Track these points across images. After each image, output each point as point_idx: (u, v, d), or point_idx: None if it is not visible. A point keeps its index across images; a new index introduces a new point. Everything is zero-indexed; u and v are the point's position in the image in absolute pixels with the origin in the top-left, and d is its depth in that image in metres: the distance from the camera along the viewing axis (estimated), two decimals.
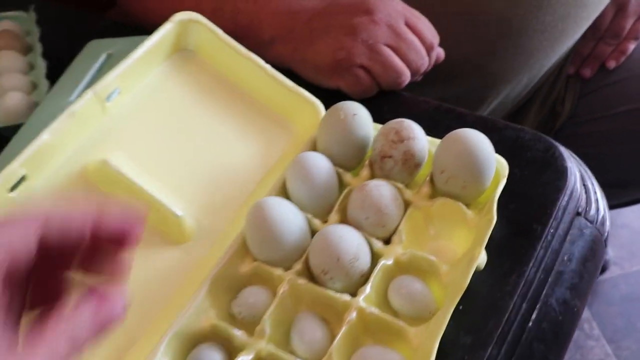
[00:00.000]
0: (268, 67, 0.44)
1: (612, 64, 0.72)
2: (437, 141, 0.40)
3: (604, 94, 0.73)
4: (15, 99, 0.56)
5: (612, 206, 0.90)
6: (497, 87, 0.66)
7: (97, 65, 0.54)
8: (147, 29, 0.59)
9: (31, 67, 0.61)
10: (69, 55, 0.57)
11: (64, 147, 0.39)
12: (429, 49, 0.50)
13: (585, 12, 0.61)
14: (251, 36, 0.52)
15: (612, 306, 1.10)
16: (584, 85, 0.74)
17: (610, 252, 1.15)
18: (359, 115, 0.40)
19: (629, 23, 0.71)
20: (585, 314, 1.09)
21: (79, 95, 0.51)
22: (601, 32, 0.72)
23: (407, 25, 0.50)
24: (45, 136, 0.37)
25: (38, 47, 0.61)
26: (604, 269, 1.13)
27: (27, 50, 0.63)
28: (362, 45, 0.48)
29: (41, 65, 0.59)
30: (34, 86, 0.59)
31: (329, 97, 0.45)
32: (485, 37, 0.59)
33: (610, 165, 0.74)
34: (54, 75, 0.56)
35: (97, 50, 0.55)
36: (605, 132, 0.73)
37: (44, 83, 0.57)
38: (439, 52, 0.52)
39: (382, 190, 0.37)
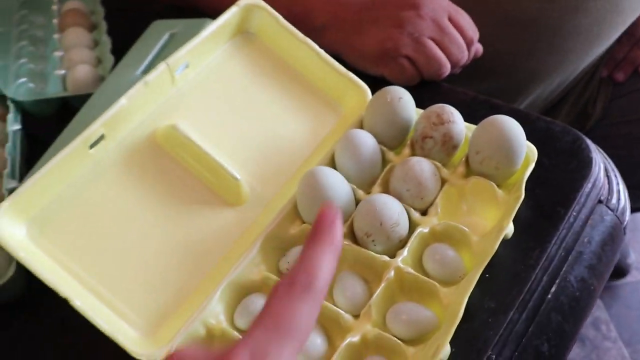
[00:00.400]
0: (322, 52, 0.48)
1: None
2: (474, 127, 0.44)
3: (635, 97, 0.75)
4: (83, 71, 0.60)
5: (636, 209, 0.92)
6: (529, 86, 0.69)
7: (161, 43, 0.58)
8: (204, 12, 0.64)
9: (96, 43, 0.66)
10: (131, 33, 0.62)
11: (138, 112, 0.43)
12: (469, 44, 0.54)
13: (620, 18, 0.64)
14: (303, 22, 0.56)
15: (632, 310, 1.11)
16: (616, 88, 0.76)
17: (632, 257, 1.16)
18: (404, 99, 0.44)
19: None
20: (604, 315, 1.11)
21: (146, 70, 0.56)
22: (636, 37, 0.74)
23: (450, 20, 0.53)
24: (122, 101, 0.42)
25: (103, 25, 0.66)
26: (624, 273, 1.15)
27: (92, 27, 0.68)
28: (407, 37, 0.52)
29: (106, 41, 0.63)
30: (99, 61, 0.63)
31: (374, 84, 0.49)
32: (521, 37, 0.62)
33: (638, 167, 0.76)
34: (117, 51, 0.61)
35: (161, 29, 0.60)
36: (635, 135, 0.75)
37: (108, 58, 0.61)
38: (478, 47, 0.56)
39: (423, 166, 0.41)
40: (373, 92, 0.47)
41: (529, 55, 0.64)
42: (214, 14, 0.49)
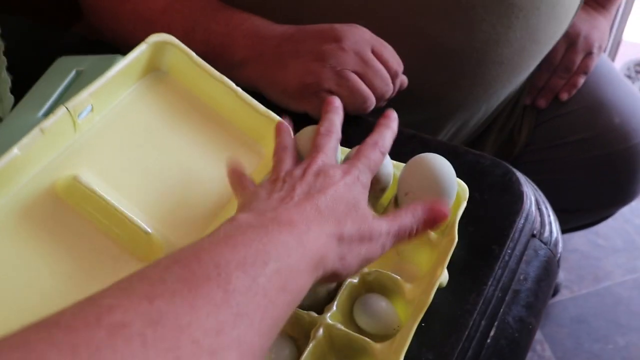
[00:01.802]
0: (239, 90, 0.45)
1: (564, 96, 0.76)
2: (401, 165, 0.42)
3: (557, 123, 0.77)
4: None
5: (563, 231, 0.93)
6: (456, 115, 0.69)
7: (66, 81, 0.54)
8: (115, 46, 0.59)
9: None
10: (34, 70, 0.57)
11: (34, 162, 0.39)
12: (393, 76, 0.52)
13: (538, 47, 0.65)
14: (223, 57, 0.53)
15: (563, 328, 1.13)
16: (539, 115, 0.78)
17: (561, 276, 1.19)
18: None
19: (579, 58, 0.76)
20: (538, 335, 1.12)
21: (48, 112, 0.51)
22: (554, 65, 0.76)
23: (373, 53, 0.51)
24: (15, 151, 0.37)
25: (3, 60, 0.60)
26: (555, 292, 1.17)
27: None
28: (330, 71, 0.50)
29: (6, 78, 0.58)
30: None
31: (298, 121, 0.46)
32: (445, 67, 0.62)
33: (563, 191, 0.77)
34: (18, 90, 0.56)
35: (66, 66, 0.55)
36: (559, 160, 0.77)
37: (8, 97, 0.56)
38: (403, 79, 0.55)
39: None
40: (295, 130, 0.44)
41: (454, 85, 0.64)
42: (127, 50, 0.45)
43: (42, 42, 0.66)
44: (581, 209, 0.81)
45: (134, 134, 0.43)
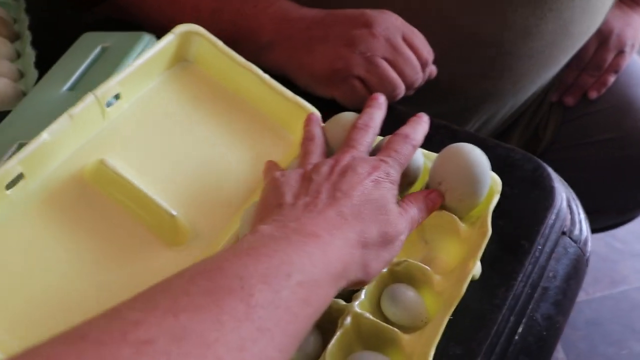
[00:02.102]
0: (267, 76, 0.44)
1: (593, 94, 0.75)
2: (432, 154, 0.41)
3: (584, 122, 0.76)
4: (1, 86, 0.54)
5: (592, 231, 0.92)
6: (482, 108, 0.68)
7: (91, 57, 0.53)
8: (139, 24, 0.59)
9: (18, 55, 0.60)
10: (59, 45, 0.56)
11: (63, 148, 0.39)
12: (423, 65, 0.51)
13: (570, 42, 0.63)
14: (249, 39, 0.52)
15: (577, 330, 1.12)
16: (566, 112, 0.77)
17: None
18: None
19: (610, 56, 0.74)
20: None
21: (72, 87, 0.50)
22: (584, 63, 0.74)
23: (404, 40, 0.50)
24: (44, 136, 0.37)
25: (27, 35, 0.60)
26: None
27: (15, 37, 0.62)
28: (359, 57, 0.49)
29: (30, 53, 0.58)
30: (21, 74, 0.58)
31: (324, 107, 0.45)
32: (475, 59, 0.61)
33: (586, 191, 0.76)
34: (42, 65, 0.55)
35: (92, 42, 0.54)
36: (584, 159, 0.75)
37: (32, 72, 0.56)
38: (432, 69, 0.54)
39: None
40: (325, 119, 0.43)
41: (483, 77, 0.63)
42: (157, 30, 0.44)
43: (67, 19, 0.66)
44: (603, 211, 0.80)
45: (161, 121, 0.42)
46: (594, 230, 0.89)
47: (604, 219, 0.83)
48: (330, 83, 0.50)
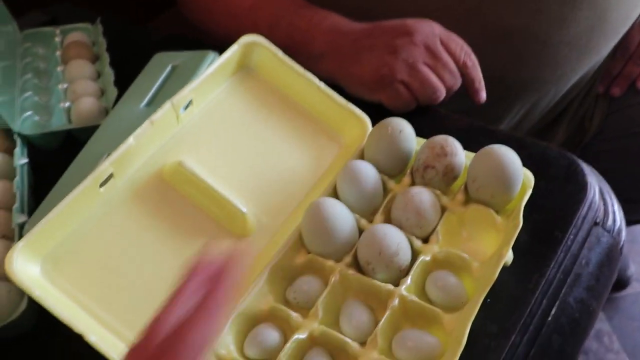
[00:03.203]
0: (321, 84, 0.49)
1: None
2: (471, 154, 0.45)
3: (631, 112, 0.76)
4: (87, 104, 0.62)
5: (633, 221, 0.93)
6: (523, 97, 0.69)
7: (163, 75, 0.60)
8: (203, 42, 0.65)
9: (99, 74, 0.67)
10: (133, 64, 0.63)
11: (145, 150, 0.44)
12: (462, 67, 0.55)
13: (609, 27, 0.64)
14: (303, 50, 0.58)
15: (634, 321, 1.12)
16: (612, 103, 0.77)
17: (632, 268, 1.17)
18: (405, 131, 0.45)
19: None
20: (606, 327, 1.11)
21: (149, 103, 0.57)
22: (630, 52, 0.74)
23: (442, 44, 0.55)
24: (130, 140, 0.43)
25: (106, 56, 0.67)
26: (625, 285, 1.16)
27: (94, 59, 0.69)
28: (402, 64, 0.54)
29: (109, 72, 0.64)
30: (102, 92, 0.65)
31: (374, 112, 0.50)
32: (509, 49, 0.63)
33: (633, 180, 0.77)
34: (120, 82, 0.62)
35: (163, 62, 0.61)
36: (631, 150, 0.75)
37: (112, 90, 0.62)
38: (483, 95, 0.57)
39: (423, 196, 0.43)
40: (373, 123, 0.48)
41: (521, 64, 0.65)
42: (218, 42, 0.50)
43: (139, 40, 0.73)
44: None
45: (228, 124, 0.48)
46: None
47: None
48: (377, 88, 0.55)
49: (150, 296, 0.41)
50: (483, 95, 0.57)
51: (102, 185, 0.42)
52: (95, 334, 0.37)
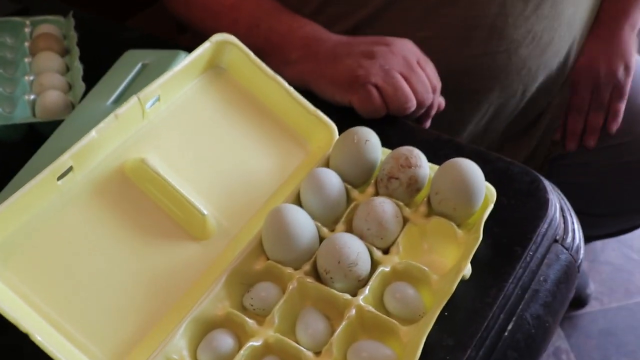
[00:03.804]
0: (291, 89, 0.49)
1: (613, 127, 0.76)
2: (435, 167, 0.45)
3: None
4: (53, 97, 0.60)
5: (597, 237, 0.95)
6: (490, 95, 0.70)
7: (133, 73, 0.59)
8: (178, 44, 0.65)
9: (68, 68, 0.66)
10: (104, 60, 0.62)
11: (107, 144, 0.43)
12: (433, 89, 0.56)
13: (566, 29, 0.68)
14: (279, 54, 0.58)
15: (591, 339, 1.14)
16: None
17: (592, 287, 1.19)
18: (371, 141, 0.45)
19: (608, 93, 0.76)
20: (565, 345, 1.13)
21: (116, 100, 0.56)
22: (585, 108, 0.76)
23: (418, 64, 0.56)
24: (92, 133, 0.42)
25: (76, 51, 0.66)
26: (584, 303, 1.18)
27: (64, 52, 0.68)
28: (379, 68, 0.54)
29: (78, 67, 0.63)
30: (70, 87, 0.63)
31: (342, 121, 0.50)
32: (476, 41, 0.66)
33: (600, 194, 0.79)
34: (89, 78, 0.61)
35: (133, 59, 0.60)
36: (597, 163, 0.78)
37: (80, 85, 0.61)
38: (441, 101, 0.59)
39: (385, 207, 0.42)
40: (340, 131, 0.48)
41: (485, 59, 0.67)
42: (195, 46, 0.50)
43: (110, 36, 0.72)
44: (617, 214, 0.82)
45: (195, 123, 0.47)
46: (609, 235, 0.91)
47: (617, 222, 0.86)
48: (350, 88, 0.55)
49: (103, 296, 0.40)
50: (428, 123, 0.60)
51: (60, 178, 0.41)
52: (41, 334, 0.36)
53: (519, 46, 0.66)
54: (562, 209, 0.49)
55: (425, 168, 0.44)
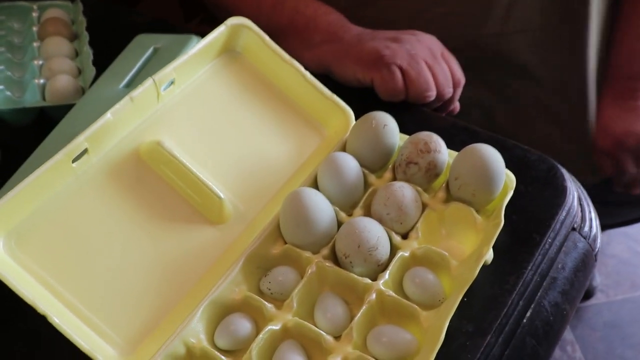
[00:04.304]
0: (307, 73, 0.48)
1: None
2: (453, 153, 0.45)
3: None
4: (63, 82, 0.59)
5: (609, 225, 0.94)
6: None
7: (144, 57, 0.58)
8: (190, 29, 0.64)
9: (77, 53, 0.65)
10: (113, 45, 0.61)
11: (122, 126, 0.43)
12: (455, 84, 0.56)
13: None
14: (302, 36, 0.58)
15: (596, 331, 1.14)
16: None
17: (598, 280, 1.19)
18: (389, 126, 0.45)
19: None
20: (569, 336, 1.13)
21: (128, 84, 0.56)
22: (624, 182, 0.75)
23: (442, 58, 0.56)
24: (108, 116, 0.41)
25: (85, 35, 0.65)
26: (590, 295, 1.18)
27: (73, 37, 0.67)
28: (405, 52, 0.54)
29: (87, 52, 0.63)
30: (80, 71, 0.63)
31: (358, 106, 0.50)
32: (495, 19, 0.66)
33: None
34: (98, 63, 0.61)
35: (145, 43, 0.59)
36: None
37: (90, 69, 0.60)
38: (456, 105, 0.58)
39: (405, 192, 0.42)
40: (357, 116, 0.47)
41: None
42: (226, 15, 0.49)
43: (120, 20, 0.71)
44: (632, 202, 0.82)
45: (209, 107, 0.47)
46: (623, 223, 0.91)
47: (633, 211, 0.86)
48: (373, 66, 0.54)
49: (119, 279, 0.40)
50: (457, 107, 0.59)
51: (75, 160, 0.40)
52: (59, 316, 0.36)
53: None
54: (579, 198, 0.48)
55: (444, 153, 0.44)
